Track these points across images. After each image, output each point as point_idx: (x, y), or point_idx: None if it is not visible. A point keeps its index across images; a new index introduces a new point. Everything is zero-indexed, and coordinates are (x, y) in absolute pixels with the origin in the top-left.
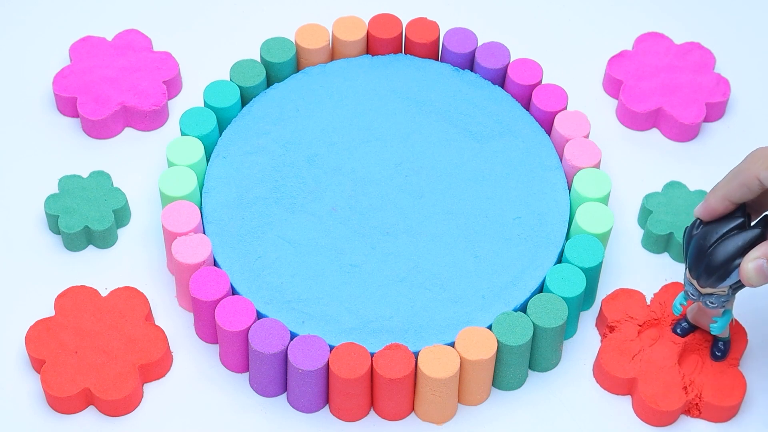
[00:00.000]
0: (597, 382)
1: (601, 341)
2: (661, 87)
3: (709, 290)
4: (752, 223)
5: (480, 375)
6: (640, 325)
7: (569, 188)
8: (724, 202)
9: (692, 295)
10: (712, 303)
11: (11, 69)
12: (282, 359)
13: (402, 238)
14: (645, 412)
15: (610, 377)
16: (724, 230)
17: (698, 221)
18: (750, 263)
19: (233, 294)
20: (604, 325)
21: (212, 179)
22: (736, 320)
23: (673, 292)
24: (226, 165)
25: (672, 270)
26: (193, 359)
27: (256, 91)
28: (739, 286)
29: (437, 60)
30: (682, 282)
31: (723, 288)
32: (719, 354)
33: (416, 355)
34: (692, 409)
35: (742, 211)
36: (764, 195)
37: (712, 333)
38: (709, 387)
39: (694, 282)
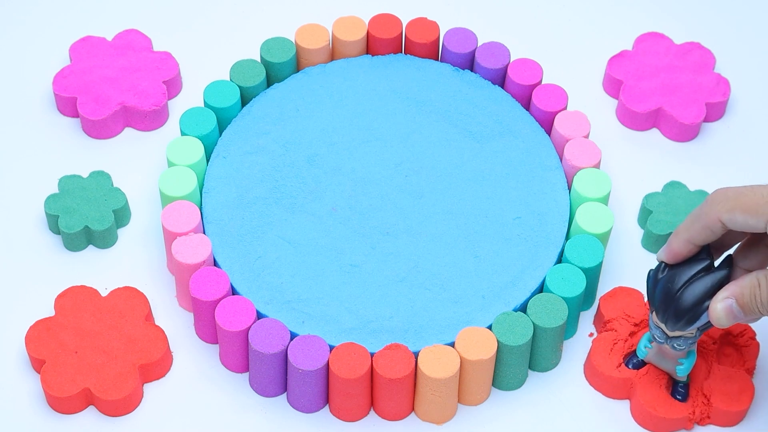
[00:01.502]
0: (590, 384)
1: (592, 341)
2: (661, 87)
3: (677, 333)
4: (717, 263)
5: (480, 375)
6: (636, 324)
7: (569, 188)
8: (687, 246)
9: (659, 338)
10: (679, 346)
11: (11, 69)
12: (282, 359)
13: (402, 238)
14: (643, 417)
15: (604, 377)
16: (692, 273)
17: (663, 265)
18: (719, 304)
19: (233, 294)
20: (601, 323)
21: (212, 179)
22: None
23: None
24: (226, 165)
25: None
26: (193, 359)
27: (256, 91)
28: (706, 327)
29: (437, 60)
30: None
31: (691, 330)
32: (680, 398)
33: (416, 355)
34: (703, 419)
35: (707, 252)
36: (726, 236)
37: (679, 376)
38: (718, 392)
39: (662, 326)
